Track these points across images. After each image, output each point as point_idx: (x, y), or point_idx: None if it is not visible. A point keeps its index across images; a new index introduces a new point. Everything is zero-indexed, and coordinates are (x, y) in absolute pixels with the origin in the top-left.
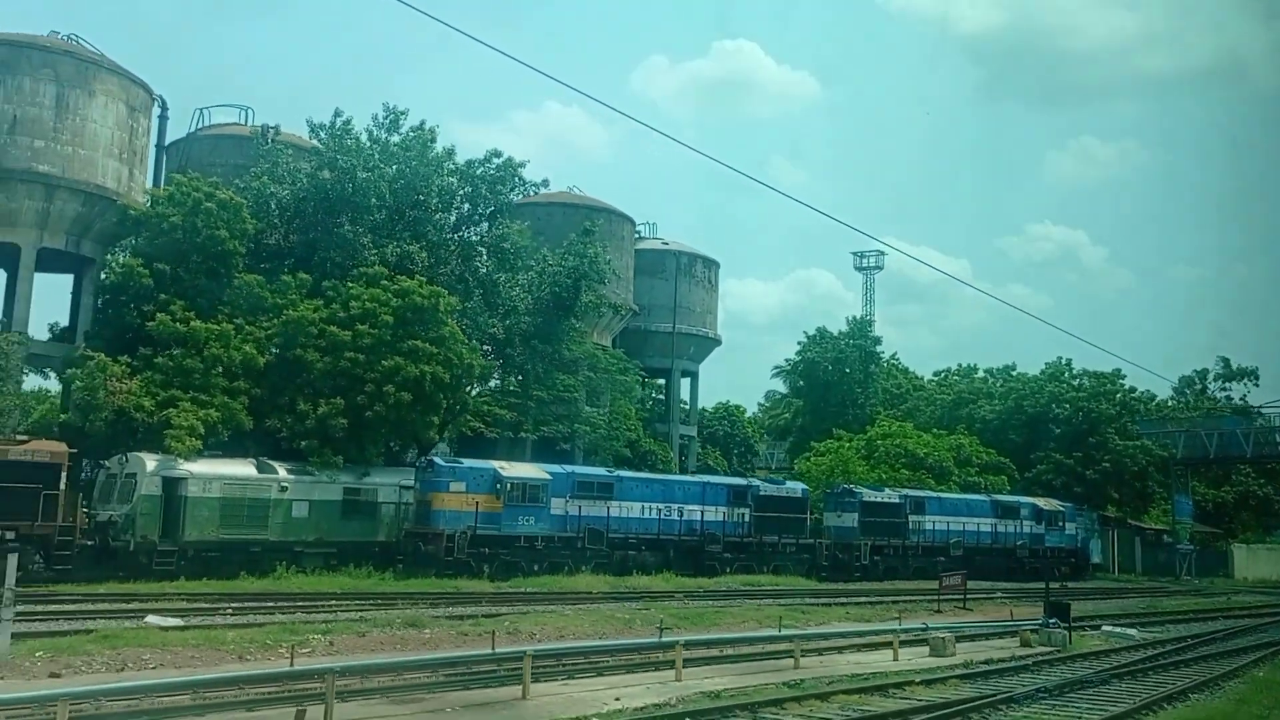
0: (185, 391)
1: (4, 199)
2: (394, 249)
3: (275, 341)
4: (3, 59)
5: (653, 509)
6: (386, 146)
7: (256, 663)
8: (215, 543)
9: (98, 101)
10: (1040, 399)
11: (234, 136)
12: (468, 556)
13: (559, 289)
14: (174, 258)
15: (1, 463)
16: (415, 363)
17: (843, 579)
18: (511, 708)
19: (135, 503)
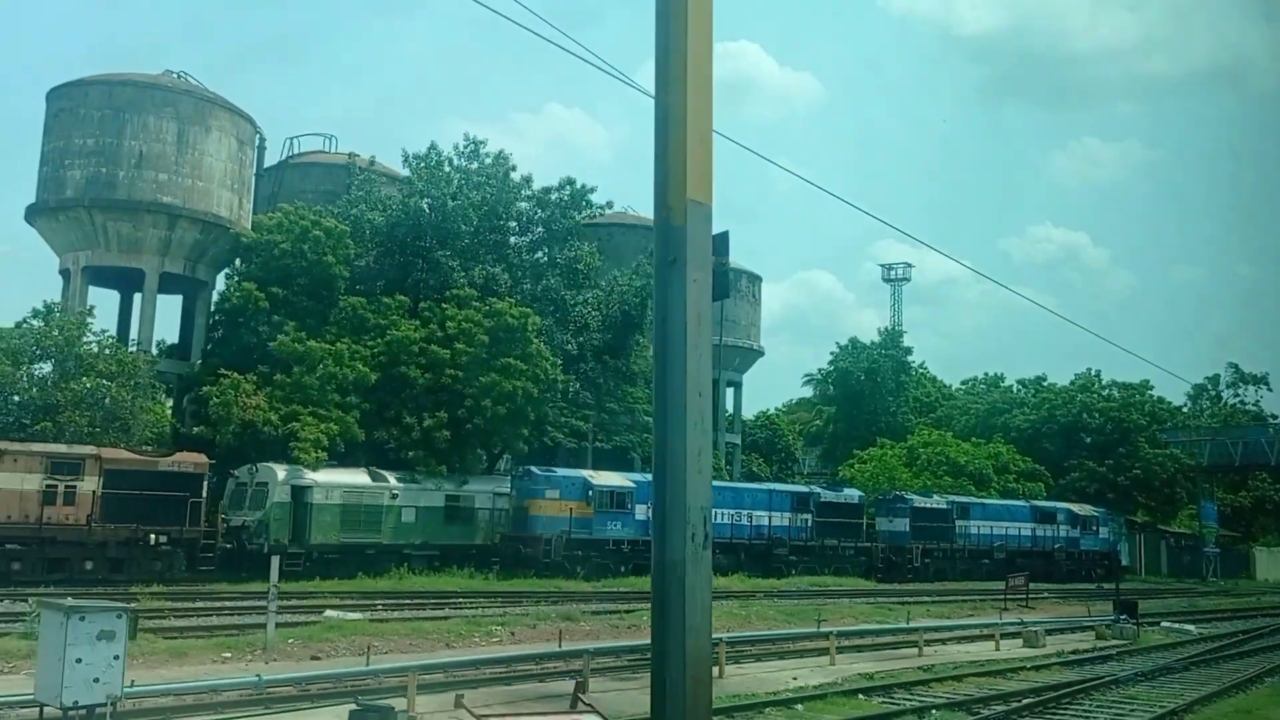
0: (304, 406)
1: (131, 228)
2: (480, 271)
3: (380, 359)
4: (131, 99)
5: (725, 515)
6: (470, 175)
7: (514, 645)
8: (336, 545)
9: (213, 136)
10: (1072, 409)
11: (323, 165)
12: (563, 558)
13: (628, 307)
14: (283, 281)
15: (153, 473)
16: (508, 378)
17: (896, 580)
18: (713, 685)
19: (268, 509)
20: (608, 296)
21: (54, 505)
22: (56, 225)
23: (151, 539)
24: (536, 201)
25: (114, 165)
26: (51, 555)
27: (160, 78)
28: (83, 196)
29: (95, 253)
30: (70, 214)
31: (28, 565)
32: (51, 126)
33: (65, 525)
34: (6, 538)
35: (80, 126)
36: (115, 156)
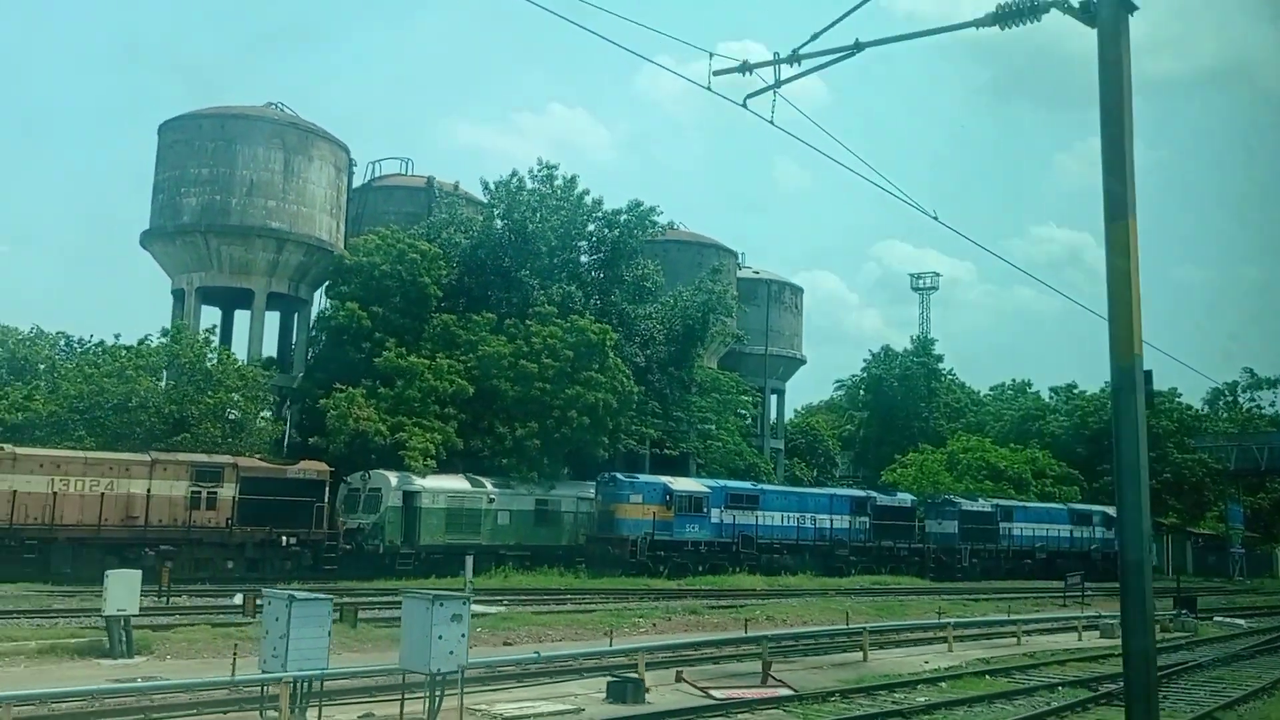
0: (409, 418)
1: (243, 251)
2: (558, 289)
3: (473, 373)
4: (242, 131)
5: (791, 518)
6: (546, 199)
7: (659, 635)
8: (441, 546)
9: (315, 165)
10: (1103, 415)
11: (405, 188)
12: (647, 558)
13: (691, 321)
14: (380, 299)
15: (282, 480)
16: (591, 390)
17: (948, 579)
18: (860, 667)
19: (382, 513)
20: (670, 311)
21: (199, 510)
22: (172, 249)
23: (283, 540)
24: (606, 222)
25: (227, 193)
26: (198, 555)
27: (266, 110)
28: (199, 222)
29: (208, 274)
30: (187, 238)
31: (179, 565)
32: (165, 156)
33: (209, 528)
34: (161, 539)
35: (195, 157)
36: (228, 184)
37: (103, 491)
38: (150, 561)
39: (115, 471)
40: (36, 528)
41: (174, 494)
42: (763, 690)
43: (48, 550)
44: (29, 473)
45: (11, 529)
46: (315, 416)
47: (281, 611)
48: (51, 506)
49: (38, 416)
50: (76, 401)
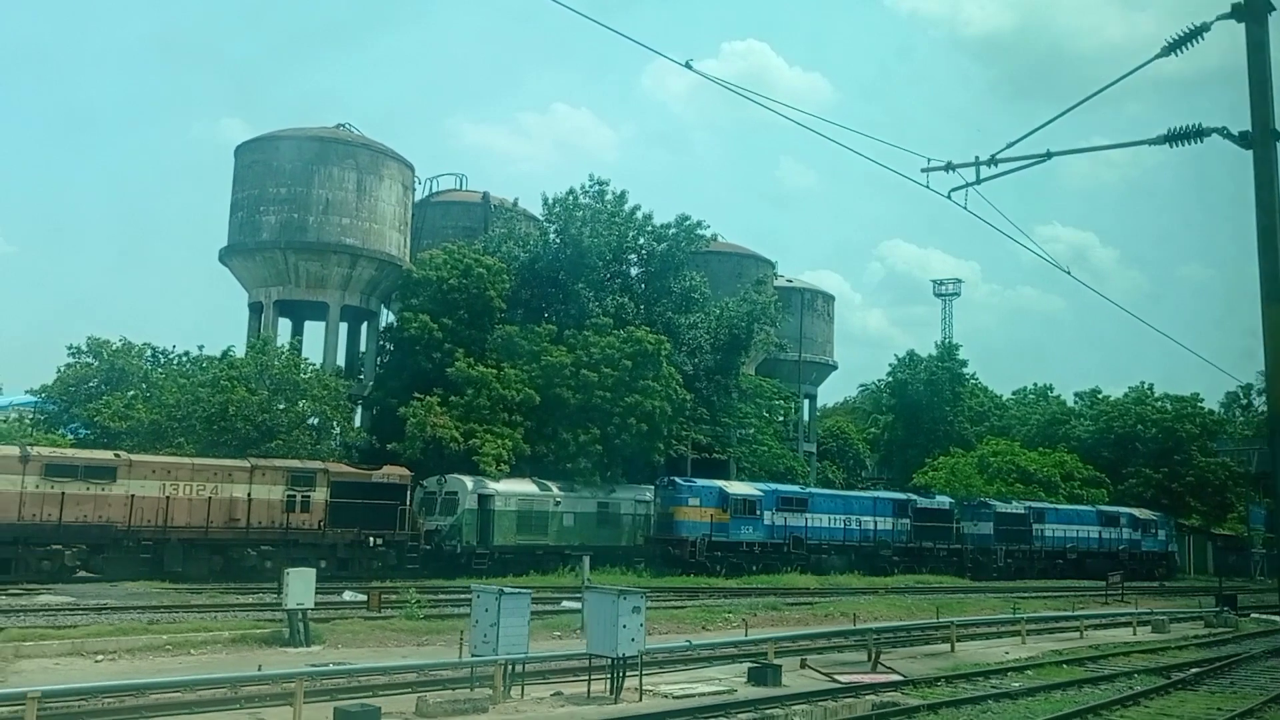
0: (480, 425)
1: (319, 266)
2: (611, 300)
3: (537, 382)
4: (318, 153)
5: (838, 520)
6: (599, 214)
7: (758, 629)
8: (513, 547)
9: (385, 184)
10: (1128, 420)
11: (461, 203)
12: (705, 558)
13: (736, 330)
14: (447, 311)
15: (368, 484)
16: (648, 398)
17: (985, 578)
18: (950, 657)
19: (459, 515)
20: (716, 320)
21: (294, 512)
22: (252, 264)
23: (371, 541)
24: (654, 236)
25: (304, 211)
26: (294, 555)
27: (339, 132)
28: (278, 239)
29: (286, 288)
30: (266, 255)
31: (277, 564)
32: (243, 177)
33: (303, 530)
34: (261, 540)
35: (273, 177)
36: (305, 203)
37: (209, 495)
38: (252, 561)
39: (219, 477)
40: (151, 529)
41: (272, 498)
42: (875, 675)
43: (161, 550)
44: (143, 478)
45: (130, 530)
46: (387, 422)
47: (491, 604)
48: (165, 510)
49: (140, 424)
50: (174, 410)
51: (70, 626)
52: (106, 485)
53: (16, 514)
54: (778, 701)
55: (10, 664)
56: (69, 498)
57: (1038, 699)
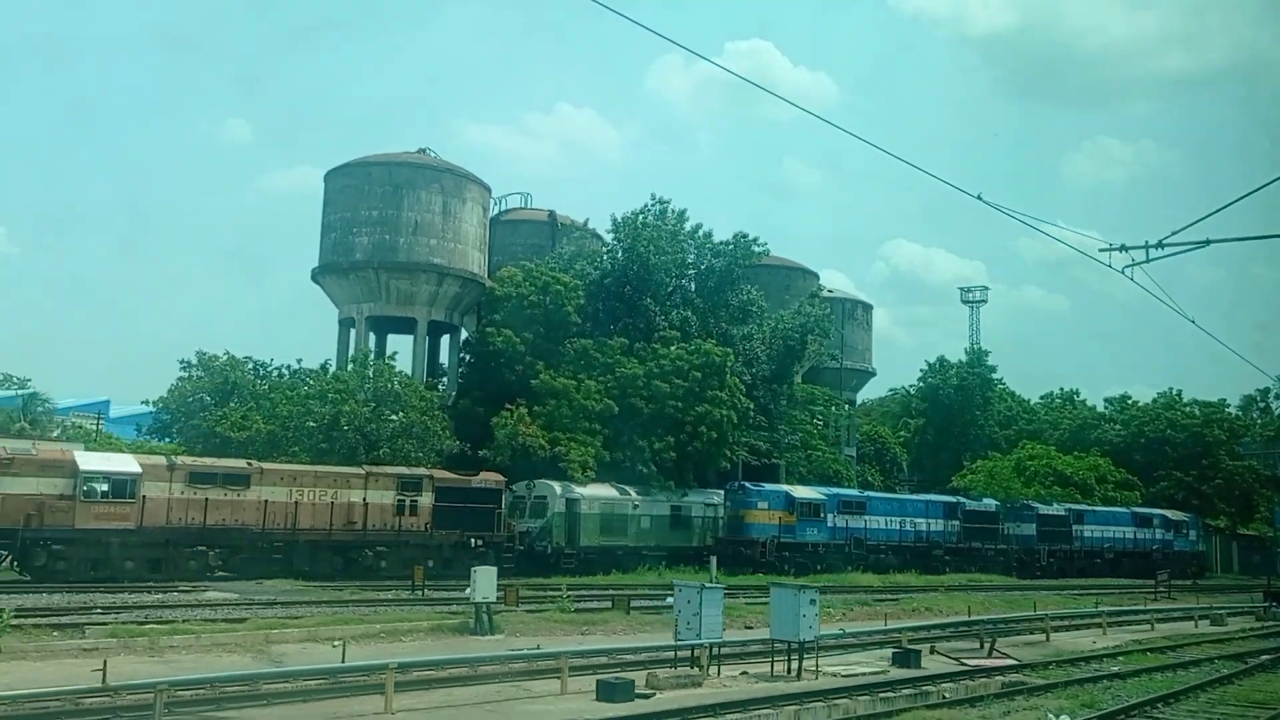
0: (564, 433)
1: (408, 285)
2: (676, 314)
3: (613, 392)
4: (408, 178)
5: (893, 521)
6: (661, 232)
7: (857, 621)
8: (596, 548)
9: (467, 206)
10: (1159, 425)
11: (529, 222)
12: (774, 558)
13: (791, 341)
14: (526, 326)
15: (468, 489)
16: (716, 407)
17: (1029, 577)
18: (1046, 645)
19: (549, 518)
20: (772, 332)
21: (403, 515)
22: (345, 283)
23: (472, 542)
24: (713, 252)
25: (394, 233)
26: (405, 555)
27: (425, 158)
28: (370, 259)
29: (377, 305)
30: (359, 273)
31: (390, 563)
32: (334, 200)
33: (412, 531)
34: (377, 542)
35: (365, 201)
36: (395, 225)
37: (330, 500)
38: (369, 561)
39: (338, 483)
40: (281, 532)
41: (384, 502)
42: (994, 660)
43: (290, 550)
44: (273, 484)
45: (263, 533)
46: (472, 429)
47: (694, 596)
48: (293, 514)
49: (259, 434)
50: (288, 420)
51: (301, 617)
52: (242, 491)
53: (164, 518)
54: (926, 680)
55: (266, 648)
56: (210, 503)
57: (1141, 680)
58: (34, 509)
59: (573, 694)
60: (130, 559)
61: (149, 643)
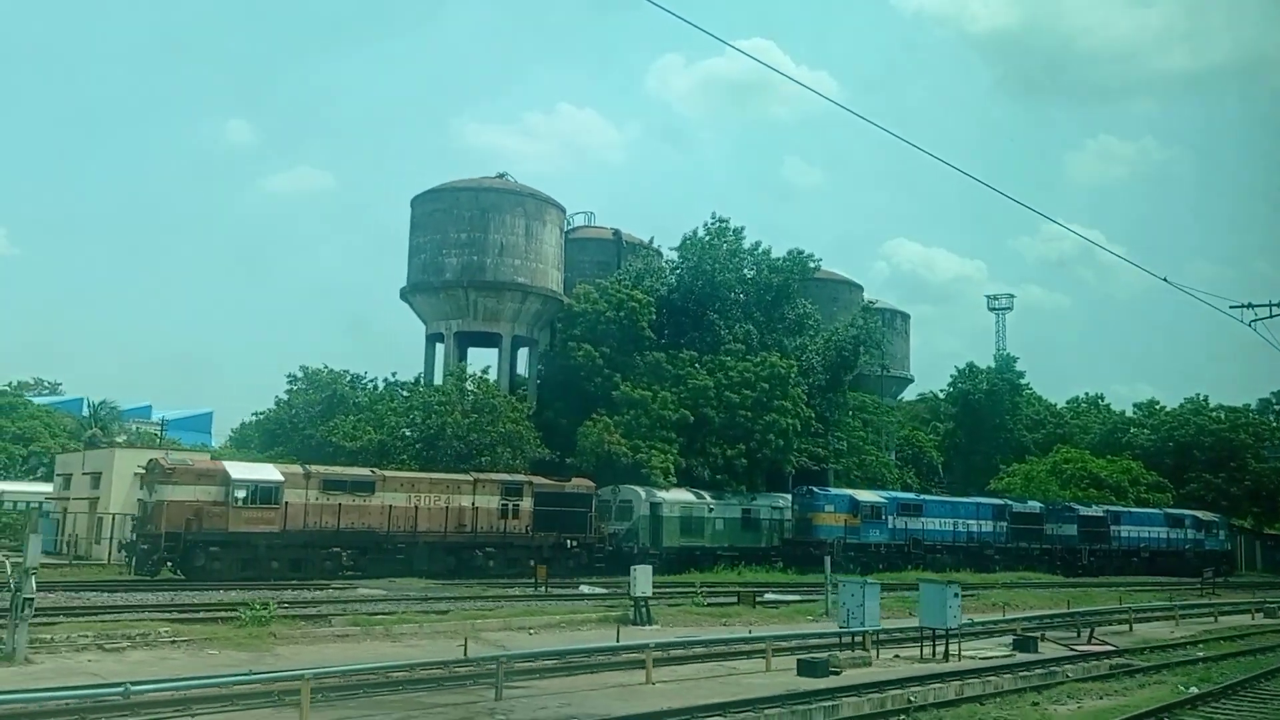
0: (643, 441)
1: (495, 302)
2: (740, 328)
3: (686, 403)
4: (494, 203)
5: (947, 523)
6: (717, 248)
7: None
8: (677, 548)
9: (547, 228)
10: (1188, 430)
11: (596, 240)
12: (841, 558)
13: (845, 352)
14: (602, 340)
15: (562, 493)
16: (782, 416)
17: (1071, 575)
18: (1130, 635)
19: (635, 520)
20: (826, 343)
21: (507, 519)
22: (435, 301)
23: (568, 543)
24: (770, 268)
25: (482, 254)
26: (510, 555)
27: (509, 184)
28: (460, 279)
29: (465, 321)
30: (449, 292)
31: (497, 562)
32: (423, 223)
33: (515, 534)
34: (486, 543)
35: (454, 224)
36: (483, 247)
37: (444, 505)
38: (479, 560)
39: (450, 489)
40: (403, 534)
41: (490, 506)
42: (1096, 646)
43: (411, 551)
44: (395, 490)
45: (388, 534)
46: (553, 437)
47: (856, 590)
48: (413, 517)
49: (371, 443)
50: (395, 430)
51: (495, 609)
52: (367, 497)
53: (302, 522)
54: (1050, 662)
55: (477, 634)
56: (342, 508)
57: (1229, 663)
58: (193, 514)
59: (776, 670)
60: (275, 559)
61: (384, 630)
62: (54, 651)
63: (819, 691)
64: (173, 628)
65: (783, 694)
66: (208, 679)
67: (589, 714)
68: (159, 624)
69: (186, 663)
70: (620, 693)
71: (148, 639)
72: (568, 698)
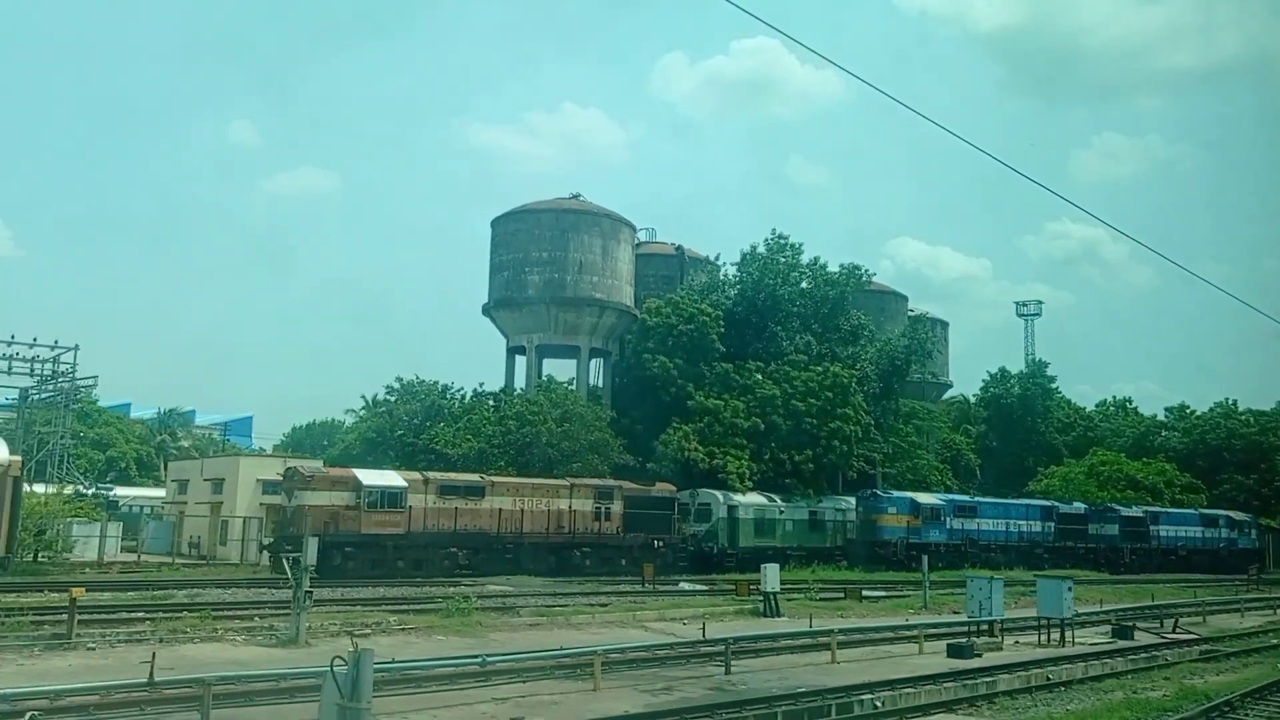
0: (718, 447)
1: (574, 317)
2: (800, 339)
3: (755, 412)
4: (573, 223)
5: (999, 523)
6: (776, 262)
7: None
8: (750, 548)
9: (621, 246)
10: (1219, 433)
11: (660, 255)
12: (903, 557)
13: (898, 361)
14: (674, 352)
15: (648, 497)
16: (846, 423)
17: (1115, 572)
18: (1205, 625)
19: (714, 522)
20: (879, 352)
21: (600, 521)
22: (517, 316)
23: (654, 543)
24: (827, 282)
25: (562, 271)
26: (604, 555)
27: (587, 204)
28: (542, 295)
29: (546, 335)
30: (531, 308)
31: (593, 561)
32: (504, 243)
33: (608, 535)
34: (582, 543)
35: (536, 244)
36: (563, 265)
37: (545, 508)
38: (577, 560)
39: (551, 493)
40: (511, 535)
41: (585, 509)
42: (1182, 634)
43: (518, 551)
44: (502, 495)
45: (497, 535)
46: (630, 443)
47: (984, 585)
48: (519, 519)
49: (472, 450)
50: (492, 438)
51: (644, 603)
52: (478, 500)
53: (423, 524)
54: (1149, 649)
55: (640, 624)
56: (458, 511)
57: None
58: (329, 518)
59: (928, 653)
60: (400, 559)
61: (565, 620)
62: (314, 637)
63: (975, 670)
64: (398, 618)
65: (946, 671)
66: (523, 654)
67: (805, 685)
68: (386, 615)
69: (427, 646)
70: (816, 670)
71: (382, 627)
72: (778, 673)
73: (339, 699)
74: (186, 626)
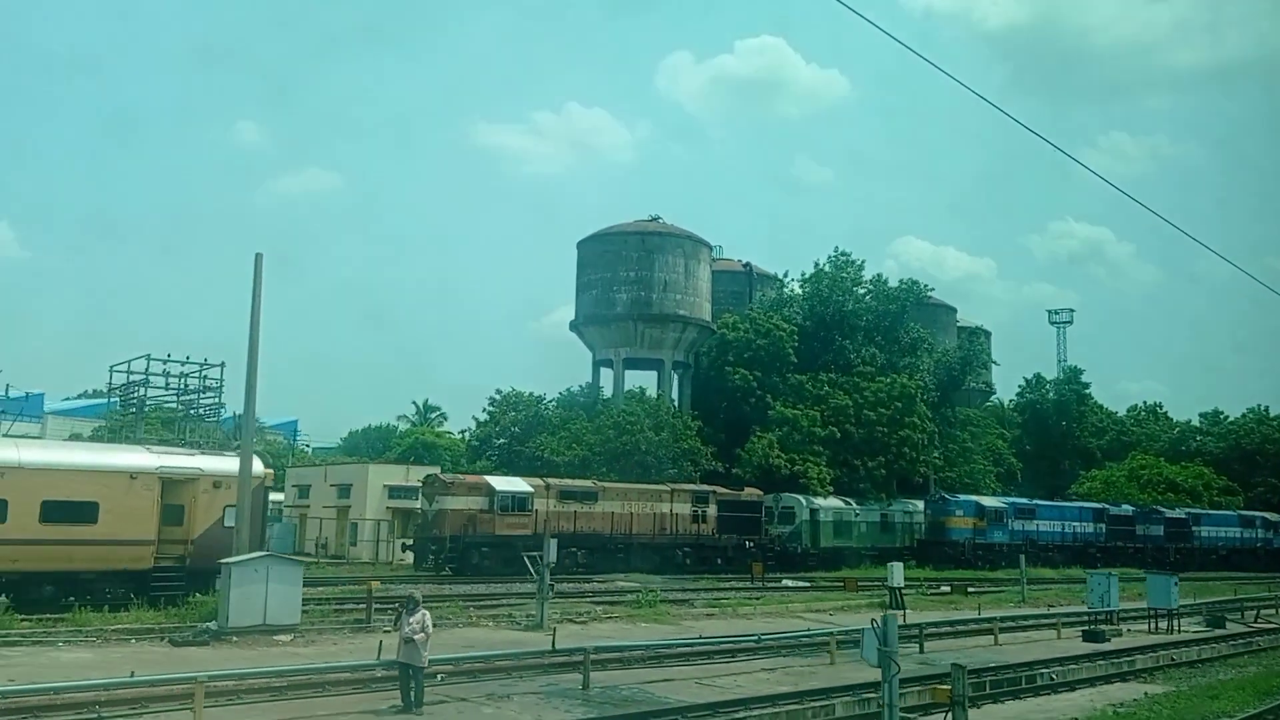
0: (798, 454)
1: (658, 332)
2: (867, 351)
3: (829, 420)
4: (657, 244)
5: (1055, 525)
6: (842, 278)
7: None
8: (830, 549)
9: (701, 265)
10: (1254, 438)
11: (729, 272)
12: (970, 557)
13: (954, 371)
14: (750, 364)
15: (738, 501)
16: (914, 431)
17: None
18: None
19: (798, 525)
20: (936, 363)
21: (697, 523)
22: (606, 331)
23: (746, 544)
24: (887, 297)
25: (647, 290)
26: (700, 555)
27: (670, 226)
28: (629, 312)
29: (632, 349)
30: (619, 324)
31: (692, 561)
32: (591, 262)
33: (705, 536)
34: (683, 544)
35: (623, 264)
36: (648, 283)
37: (650, 511)
38: (679, 559)
39: (654, 498)
40: (622, 536)
41: (683, 512)
42: (1264, 624)
43: (627, 551)
44: (612, 499)
45: (610, 536)
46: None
47: (1103, 580)
48: (629, 522)
49: (576, 458)
50: (594, 446)
51: (790, 598)
52: (592, 504)
53: (545, 526)
54: (1242, 636)
55: (795, 614)
56: (576, 514)
57: None
58: (467, 520)
59: (1066, 639)
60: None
61: (732, 610)
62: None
63: (1115, 651)
64: (602, 608)
65: (1090, 652)
66: (778, 634)
67: (977, 661)
68: (591, 605)
69: (643, 631)
70: (986, 650)
71: (593, 615)
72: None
73: (878, 645)
74: (449, 614)
